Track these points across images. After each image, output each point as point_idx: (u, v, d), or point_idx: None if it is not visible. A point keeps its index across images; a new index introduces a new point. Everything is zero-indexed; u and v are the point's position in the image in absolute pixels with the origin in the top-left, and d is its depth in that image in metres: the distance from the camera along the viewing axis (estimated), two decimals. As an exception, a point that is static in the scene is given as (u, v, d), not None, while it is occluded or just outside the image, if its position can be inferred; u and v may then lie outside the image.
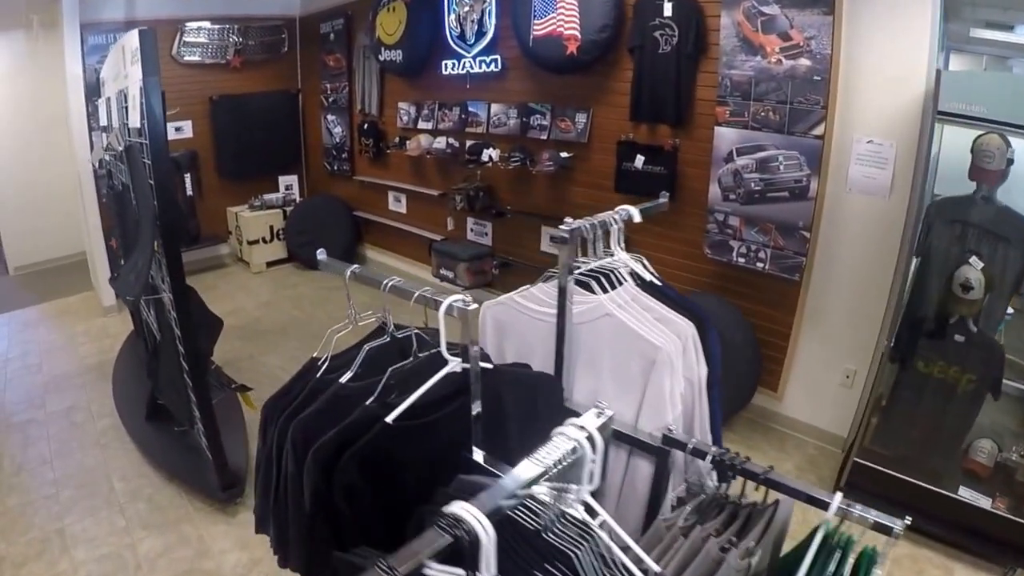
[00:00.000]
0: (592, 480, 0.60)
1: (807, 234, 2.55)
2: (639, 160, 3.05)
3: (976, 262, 2.17)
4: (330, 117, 5.13)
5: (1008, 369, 2.21)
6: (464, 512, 0.48)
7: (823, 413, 2.75)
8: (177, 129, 4.71)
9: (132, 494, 2.40)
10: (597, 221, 1.03)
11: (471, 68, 3.78)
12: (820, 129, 2.44)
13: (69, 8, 3.74)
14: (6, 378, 3.38)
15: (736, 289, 2.85)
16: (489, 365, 0.83)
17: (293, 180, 5.45)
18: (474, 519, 0.47)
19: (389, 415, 0.79)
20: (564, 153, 3.38)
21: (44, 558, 2.08)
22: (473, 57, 3.75)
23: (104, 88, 2.95)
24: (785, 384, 2.83)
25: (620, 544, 0.64)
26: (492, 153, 3.70)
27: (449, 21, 3.81)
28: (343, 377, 0.93)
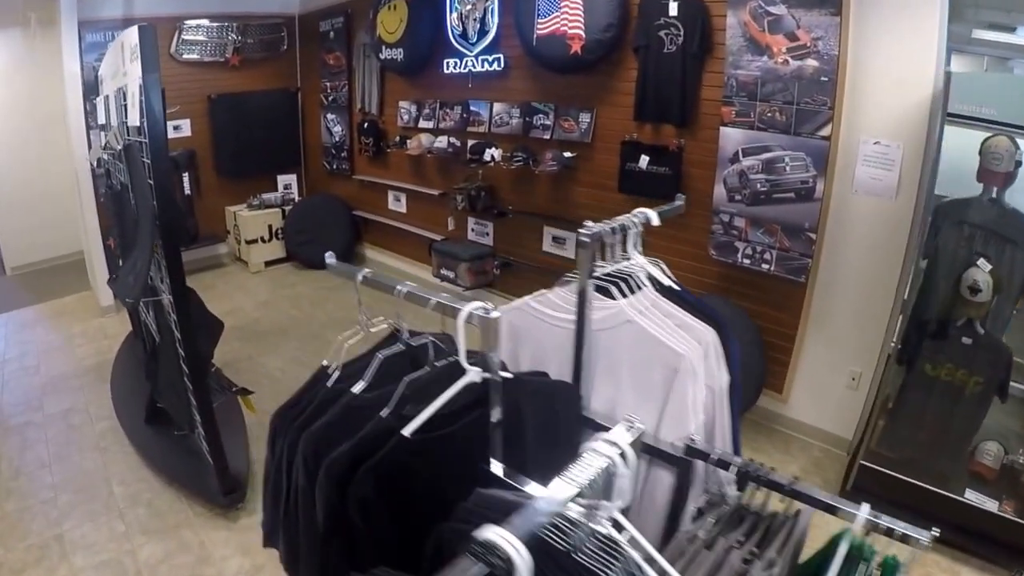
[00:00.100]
0: (623, 496, 0.58)
1: (813, 235, 2.53)
2: (643, 160, 3.03)
3: (984, 264, 2.16)
4: (330, 116, 5.09)
5: (1015, 371, 2.20)
6: (499, 539, 0.45)
7: (828, 415, 2.74)
8: (175, 128, 4.67)
9: (131, 499, 2.37)
10: (617, 224, 1.01)
11: (473, 67, 3.75)
12: (827, 130, 2.42)
13: (67, 5, 3.70)
14: (3, 380, 3.34)
15: (741, 291, 2.83)
16: (509, 375, 0.80)
17: (292, 179, 5.42)
18: (510, 546, 0.45)
19: (405, 427, 0.77)
20: (567, 153, 3.36)
21: (43, 564, 2.05)
22: (475, 56, 3.72)
23: (102, 86, 2.91)
24: (790, 386, 2.82)
25: (645, 556, 0.62)
26: (494, 153, 3.68)
27: (451, 19, 3.78)
28: (355, 387, 0.90)
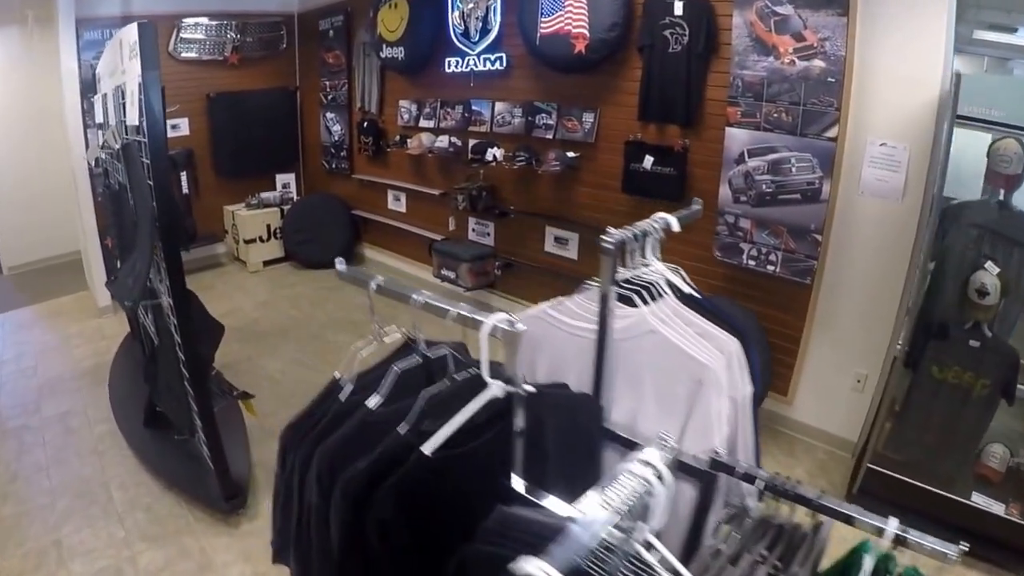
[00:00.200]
0: (657, 518, 0.56)
1: (819, 237, 2.52)
2: (648, 161, 3.01)
3: (992, 267, 2.15)
4: (329, 115, 5.06)
5: (1022, 374, 2.19)
6: (540, 573, 0.43)
7: (833, 418, 2.73)
8: (173, 127, 4.62)
9: (130, 503, 2.33)
10: (639, 230, 0.99)
11: (475, 66, 3.72)
12: (833, 131, 2.40)
13: (64, 3, 3.66)
14: (0, 381, 3.30)
15: (746, 292, 2.81)
16: (532, 388, 0.78)
17: (291, 178, 5.38)
18: (553, 581, 0.42)
19: (425, 445, 0.74)
20: (570, 153, 3.33)
21: (41, 571, 2.01)
22: (477, 55, 3.69)
23: (100, 84, 2.87)
24: (795, 388, 2.80)
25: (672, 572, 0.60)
26: (496, 152, 3.65)
27: (453, 18, 3.74)
28: (371, 401, 0.87)
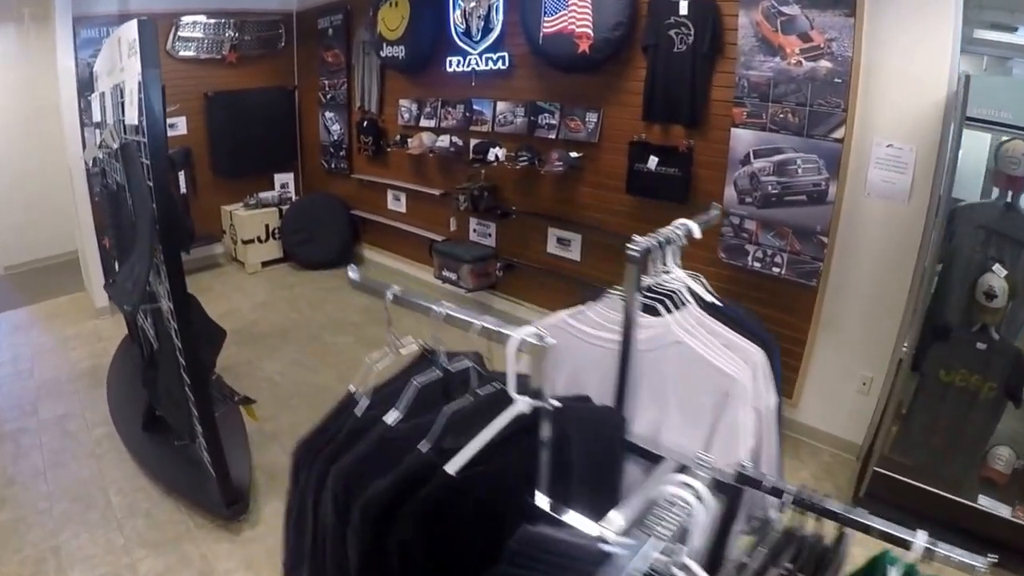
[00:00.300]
0: (697, 541, 0.54)
1: (824, 239, 2.50)
2: (652, 161, 2.99)
3: (999, 269, 2.14)
4: (328, 114, 5.02)
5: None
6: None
7: (839, 420, 2.71)
8: (171, 126, 4.58)
9: (130, 509, 2.30)
10: (663, 238, 0.96)
11: (477, 65, 3.69)
12: (840, 132, 2.39)
13: (61, 1, 3.62)
14: (-4, 384, 3.26)
15: (751, 294, 2.79)
16: (558, 404, 0.76)
17: (289, 178, 5.33)
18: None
19: (449, 464, 0.71)
20: (574, 153, 3.31)
21: (39, 578, 1.98)
22: (479, 54, 3.66)
23: (98, 83, 2.83)
24: (800, 391, 2.79)
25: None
26: (499, 152, 3.62)
27: (454, 17, 3.71)
28: (388, 417, 0.84)
